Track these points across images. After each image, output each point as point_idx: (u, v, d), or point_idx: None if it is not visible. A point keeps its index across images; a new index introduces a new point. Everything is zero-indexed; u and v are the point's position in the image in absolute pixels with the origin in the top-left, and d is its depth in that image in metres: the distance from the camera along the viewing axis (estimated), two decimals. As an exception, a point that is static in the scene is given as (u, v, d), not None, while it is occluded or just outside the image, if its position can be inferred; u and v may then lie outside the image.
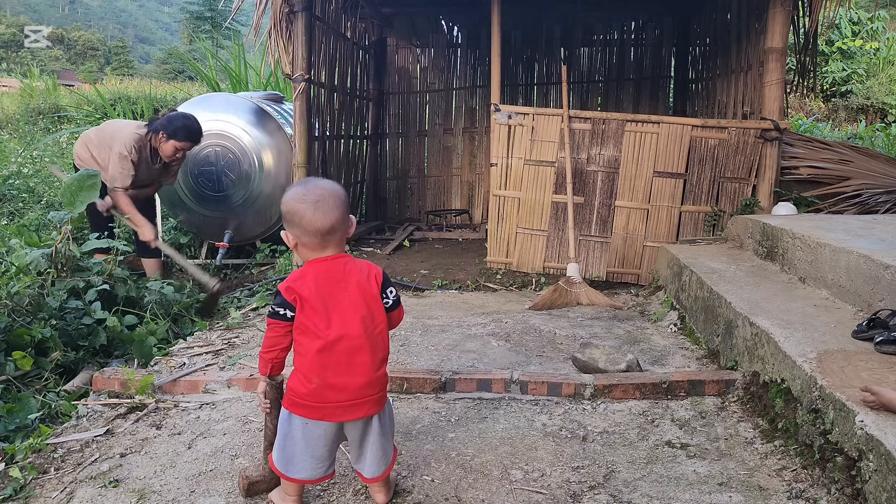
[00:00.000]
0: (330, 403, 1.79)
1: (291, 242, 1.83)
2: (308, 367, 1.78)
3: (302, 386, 1.79)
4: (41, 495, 2.07)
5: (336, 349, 1.78)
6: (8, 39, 56.45)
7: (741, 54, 5.42)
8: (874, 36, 15.99)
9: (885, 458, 1.69)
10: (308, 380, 1.78)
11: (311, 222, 1.77)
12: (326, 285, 1.80)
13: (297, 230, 1.80)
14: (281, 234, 1.87)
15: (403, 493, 2.01)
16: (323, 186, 1.82)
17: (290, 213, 1.79)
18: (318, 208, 1.77)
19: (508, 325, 3.73)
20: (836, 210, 4.90)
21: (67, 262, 3.62)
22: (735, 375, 2.71)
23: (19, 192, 7.54)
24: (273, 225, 5.81)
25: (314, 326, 1.77)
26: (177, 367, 3.02)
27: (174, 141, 4.58)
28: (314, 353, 1.77)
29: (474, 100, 7.68)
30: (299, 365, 1.81)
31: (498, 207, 4.94)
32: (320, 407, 1.79)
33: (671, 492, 2.01)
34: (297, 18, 5.01)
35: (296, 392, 1.81)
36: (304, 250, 1.83)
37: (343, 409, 1.80)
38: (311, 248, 1.81)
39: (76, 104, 13.23)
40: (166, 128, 4.56)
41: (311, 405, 1.80)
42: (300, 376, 1.80)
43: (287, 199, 1.81)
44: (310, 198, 1.78)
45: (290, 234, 1.82)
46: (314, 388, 1.78)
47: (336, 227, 1.80)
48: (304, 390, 1.79)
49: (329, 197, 1.79)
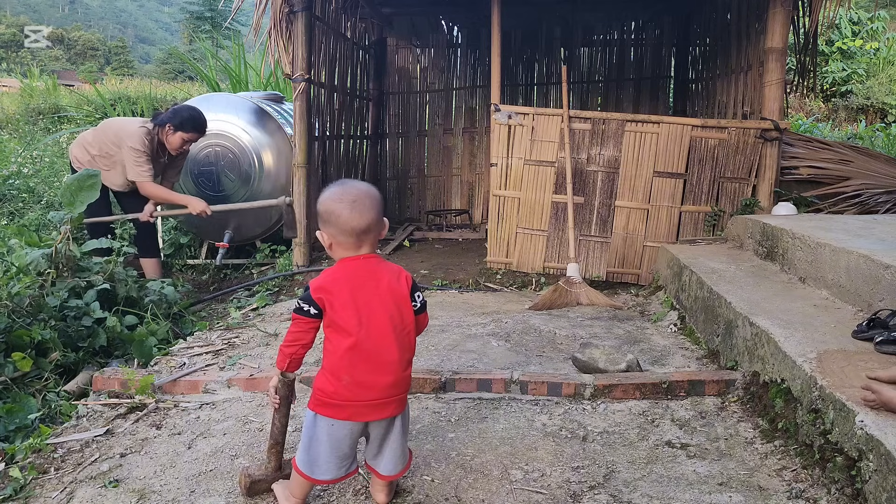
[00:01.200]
0: (358, 402, 1.79)
1: (326, 242, 1.84)
2: (337, 365, 1.79)
3: (330, 384, 1.79)
4: (41, 495, 2.07)
5: (366, 347, 1.79)
6: (8, 39, 56.44)
7: (741, 54, 5.42)
8: (874, 36, 15.99)
9: (885, 458, 1.69)
10: (337, 378, 1.78)
11: (347, 222, 1.79)
12: (358, 284, 1.82)
13: (334, 229, 1.81)
14: (316, 233, 1.88)
15: (403, 493, 2.01)
16: (359, 187, 1.84)
17: (327, 212, 1.81)
18: (355, 208, 1.80)
19: (508, 325, 3.73)
20: (836, 210, 4.90)
21: (67, 262, 3.62)
22: (735, 375, 2.71)
23: (19, 192, 7.54)
24: (273, 225, 5.80)
25: (345, 324, 1.78)
26: (177, 367, 3.02)
27: (181, 132, 4.64)
28: (344, 351, 1.78)
29: (474, 100, 7.68)
30: (328, 364, 1.82)
31: (498, 207, 4.94)
32: (348, 406, 1.79)
33: (671, 492, 2.01)
34: (297, 18, 5.01)
35: (324, 391, 1.80)
36: (338, 249, 1.84)
37: (371, 408, 1.81)
38: (346, 247, 1.83)
39: (76, 104, 13.23)
40: (172, 120, 4.63)
41: (339, 404, 1.79)
42: (328, 375, 1.80)
43: (324, 200, 1.82)
44: (347, 198, 1.81)
45: (326, 233, 1.83)
46: (343, 387, 1.78)
47: (371, 227, 1.83)
48: (332, 388, 1.79)
49: (366, 197, 1.82)
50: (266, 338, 3.52)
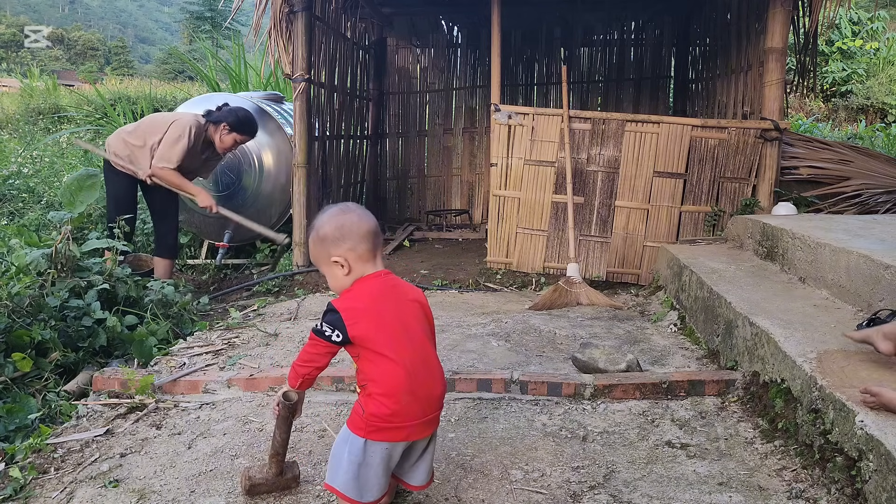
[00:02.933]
0: (417, 420, 1.76)
1: (343, 264, 1.79)
2: (393, 387, 1.73)
3: (386, 408, 1.73)
4: (41, 495, 2.07)
5: (416, 364, 1.77)
6: (8, 39, 56.46)
7: (741, 54, 5.42)
8: (874, 36, 15.99)
9: (885, 458, 1.69)
10: (395, 400, 1.73)
11: (359, 226, 1.80)
12: (389, 302, 1.80)
13: (351, 241, 1.79)
14: (325, 269, 1.83)
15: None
16: (346, 203, 1.89)
17: (337, 228, 1.79)
18: (361, 214, 1.83)
19: (508, 325, 3.73)
20: (836, 210, 4.90)
21: (67, 262, 3.62)
22: (735, 375, 2.71)
23: (19, 192, 7.54)
24: (273, 225, 5.80)
25: (390, 345, 1.75)
26: (177, 367, 3.02)
27: (236, 134, 4.66)
28: (397, 371, 1.73)
29: (474, 100, 7.68)
30: (380, 388, 1.74)
31: (498, 207, 4.94)
32: (406, 426, 1.75)
33: (671, 492, 2.01)
34: (297, 18, 5.01)
35: (379, 416, 1.73)
36: (357, 265, 1.80)
37: (425, 424, 1.79)
38: (365, 258, 1.81)
39: (76, 104, 13.24)
40: (229, 119, 4.64)
41: (396, 426, 1.74)
42: (382, 399, 1.73)
43: (327, 220, 1.81)
44: (348, 209, 1.84)
45: (341, 252, 1.78)
46: (402, 407, 1.73)
47: (378, 230, 1.86)
48: (390, 411, 1.73)
49: (358, 207, 1.87)
50: (266, 338, 3.52)
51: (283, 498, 2.02)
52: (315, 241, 1.83)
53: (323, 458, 2.24)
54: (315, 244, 1.83)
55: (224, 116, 4.64)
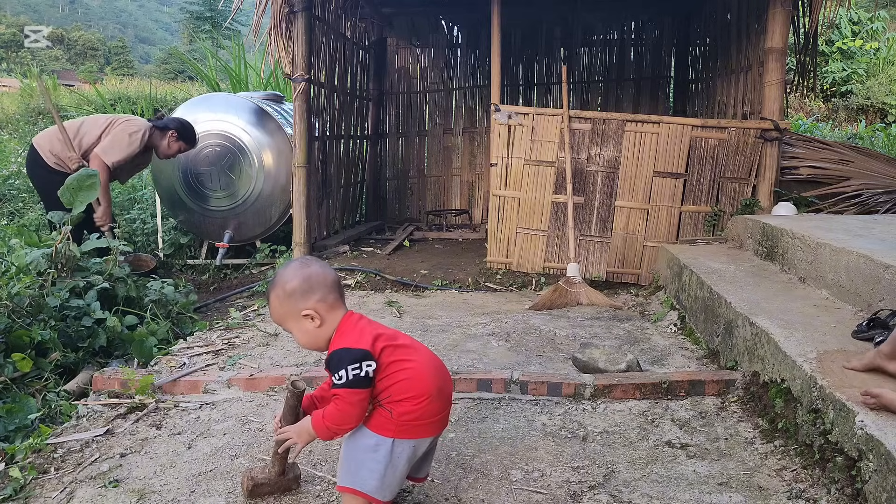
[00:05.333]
0: (438, 417, 1.80)
1: (316, 315, 1.77)
2: (422, 388, 1.75)
3: (418, 407, 1.74)
4: (41, 495, 2.07)
5: (431, 361, 1.83)
6: (8, 39, 56.43)
7: (741, 54, 5.42)
8: (874, 36, 15.99)
9: (885, 458, 1.69)
10: (427, 399, 1.75)
11: (325, 276, 1.81)
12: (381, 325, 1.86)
13: (320, 292, 1.78)
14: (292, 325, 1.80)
15: (403, 493, 2.01)
16: (298, 259, 1.95)
17: (304, 280, 1.77)
18: (321, 265, 1.85)
19: (508, 325, 3.73)
20: (836, 210, 4.90)
21: (67, 262, 3.62)
22: (735, 375, 2.71)
23: (19, 192, 7.54)
24: (273, 225, 5.81)
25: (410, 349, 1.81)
26: (177, 367, 3.02)
27: (183, 142, 4.93)
28: (423, 371, 1.77)
29: (474, 100, 7.68)
30: (408, 393, 1.74)
31: (498, 207, 4.94)
32: (433, 422, 1.79)
33: (671, 492, 2.01)
34: (297, 18, 5.01)
35: (411, 414, 1.74)
36: (330, 314, 1.79)
37: (444, 420, 1.84)
38: (335, 306, 1.81)
39: (76, 104, 13.23)
40: (177, 127, 4.86)
41: (426, 423, 1.77)
42: (412, 401, 1.74)
43: (291, 274, 1.79)
44: (307, 262, 1.85)
45: (312, 304, 1.77)
46: (431, 402, 1.75)
47: (340, 280, 1.89)
48: (421, 410, 1.75)
49: (315, 259, 1.91)
50: (266, 338, 3.52)
51: (284, 498, 2.02)
52: (281, 297, 1.78)
53: (323, 459, 2.24)
54: (281, 300, 1.78)
55: (171, 123, 4.86)
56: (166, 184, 5.76)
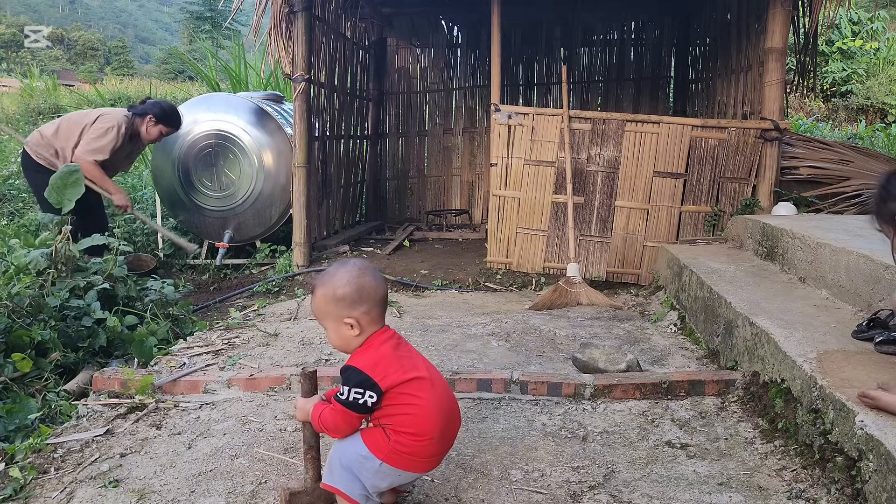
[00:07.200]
0: (432, 458, 1.78)
1: (356, 325, 1.75)
2: (426, 428, 1.73)
3: (415, 444, 1.73)
4: (41, 495, 2.07)
5: (443, 405, 1.78)
6: (8, 39, 56.43)
7: (741, 54, 5.42)
8: (874, 36, 15.99)
9: (885, 458, 1.69)
10: (427, 440, 1.73)
11: (377, 290, 1.78)
12: (406, 350, 1.82)
13: (368, 304, 1.75)
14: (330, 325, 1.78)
15: (403, 493, 2.01)
16: (356, 262, 1.84)
17: (356, 290, 1.75)
18: (375, 276, 1.81)
19: (508, 325, 3.73)
20: (836, 210, 4.90)
21: (67, 262, 3.62)
22: (735, 375, 2.71)
23: (19, 192, 7.54)
24: (273, 225, 5.81)
25: (423, 388, 1.74)
26: (177, 367, 3.02)
27: (162, 126, 4.89)
28: (430, 414, 1.73)
29: (474, 100, 7.68)
30: (410, 429, 1.73)
31: (498, 207, 4.94)
32: (425, 461, 1.77)
33: (671, 492, 2.01)
34: (297, 18, 5.01)
35: (407, 448, 1.73)
36: (368, 327, 1.77)
37: (437, 461, 1.81)
38: (377, 321, 1.79)
39: (76, 104, 13.22)
40: (154, 111, 4.84)
41: (420, 460, 1.75)
42: (411, 438, 1.73)
43: (346, 280, 1.75)
44: (365, 271, 1.79)
45: (357, 314, 1.75)
46: (428, 447, 1.74)
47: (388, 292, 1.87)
48: (417, 447, 1.73)
49: (373, 269, 1.84)
50: (266, 338, 3.52)
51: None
52: (328, 297, 1.76)
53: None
54: (327, 300, 1.76)
55: (149, 108, 4.85)
56: (166, 184, 5.76)
